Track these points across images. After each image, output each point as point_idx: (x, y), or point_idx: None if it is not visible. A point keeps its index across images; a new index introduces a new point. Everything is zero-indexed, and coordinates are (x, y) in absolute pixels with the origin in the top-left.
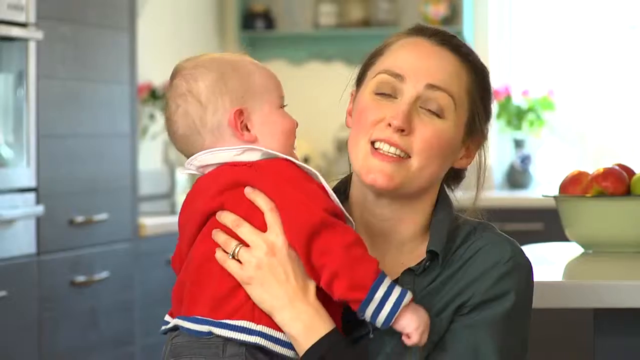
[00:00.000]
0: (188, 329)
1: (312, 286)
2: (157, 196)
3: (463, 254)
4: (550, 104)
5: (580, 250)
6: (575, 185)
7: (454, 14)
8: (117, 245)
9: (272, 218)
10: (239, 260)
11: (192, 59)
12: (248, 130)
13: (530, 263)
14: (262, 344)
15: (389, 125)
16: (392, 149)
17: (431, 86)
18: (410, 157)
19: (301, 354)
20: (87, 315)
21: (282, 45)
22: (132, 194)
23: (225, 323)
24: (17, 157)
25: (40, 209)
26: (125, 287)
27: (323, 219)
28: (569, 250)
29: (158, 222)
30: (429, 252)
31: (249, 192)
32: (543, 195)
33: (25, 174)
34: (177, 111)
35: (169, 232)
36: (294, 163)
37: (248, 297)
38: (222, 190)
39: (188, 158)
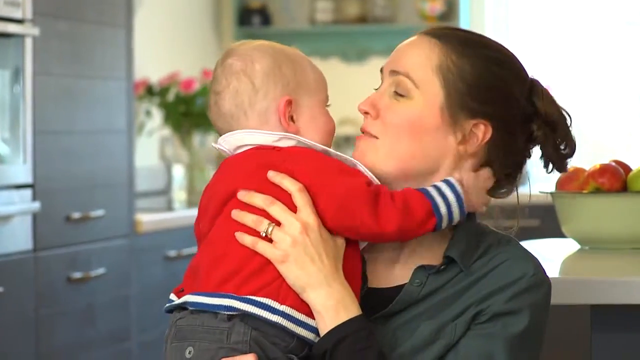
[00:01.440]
0: (203, 304)
1: (340, 267)
2: (153, 192)
3: (486, 264)
4: None
5: (577, 246)
6: (571, 182)
7: (450, 10)
8: (113, 241)
9: (301, 199)
10: (269, 240)
11: (248, 42)
12: (293, 121)
13: (549, 281)
14: (284, 324)
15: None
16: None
17: (393, 72)
18: (378, 138)
19: (324, 331)
20: (83, 311)
21: (279, 42)
22: (128, 191)
23: (249, 298)
24: (13, 153)
25: (36, 205)
26: (122, 283)
27: (368, 190)
28: (566, 247)
29: (155, 218)
30: (446, 257)
31: (272, 175)
32: (540, 192)
33: (21, 171)
34: (227, 88)
35: (166, 229)
36: (328, 153)
37: (276, 277)
38: (249, 172)
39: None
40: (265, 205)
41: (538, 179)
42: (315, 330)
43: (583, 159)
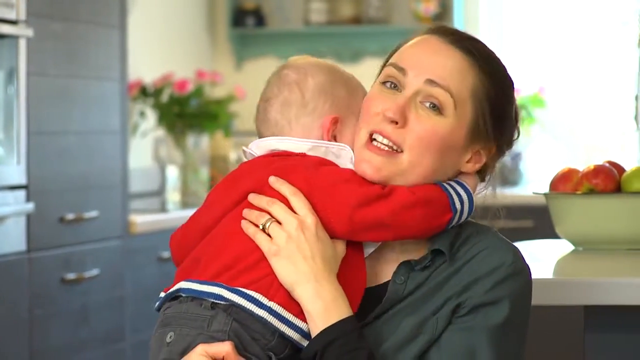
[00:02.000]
0: (194, 290)
1: (335, 271)
2: (147, 193)
3: (464, 255)
4: (541, 101)
5: (571, 247)
6: (565, 183)
7: (444, 11)
8: (107, 242)
9: (297, 201)
10: (268, 235)
11: (307, 57)
12: (335, 140)
13: (529, 269)
14: (268, 319)
15: (385, 116)
16: (385, 141)
17: (430, 81)
18: (402, 151)
19: (315, 333)
20: (77, 312)
21: (273, 43)
22: (122, 192)
23: (238, 290)
24: (7, 154)
25: (30, 206)
26: (116, 284)
27: (383, 192)
28: (559, 248)
29: (148, 219)
30: (433, 250)
31: (273, 181)
32: (533, 193)
33: (15, 172)
34: (277, 97)
35: (160, 230)
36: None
37: (269, 273)
38: (266, 176)
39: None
40: (267, 205)
41: (532, 180)
42: (301, 331)
43: (577, 160)
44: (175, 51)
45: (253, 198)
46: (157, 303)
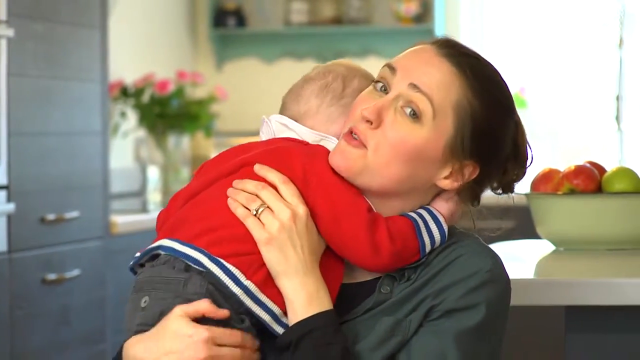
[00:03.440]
0: (174, 249)
1: (318, 262)
2: (128, 194)
3: (443, 259)
4: (522, 101)
5: (552, 247)
6: (546, 183)
7: (425, 12)
8: (88, 243)
9: (286, 190)
10: (259, 220)
11: (358, 65)
12: None
13: (508, 278)
14: (242, 298)
15: (362, 115)
16: (356, 137)
17: (413, 86)
18: (369, 150)
19: (293, 321)
20: (58, 313)
21: (254, 43)
22: (103, 192)
23: (219, 261)
24: None
25: (11, 206)
26: (97, 284)
27: (367, 215)
28: (540, 248)
29: (129, 219)
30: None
31: (257, 169)
32: (514, 193)
33: None
34: (319, 79)
35: (141, 230)
36: None
37: (254, 252)
38: (267, 155)
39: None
40: (256, 189)
41: None
42: (272, 314)
43: (558, 160)
44: (156, 52)
45: (238, 183)
46: (132, 262)
